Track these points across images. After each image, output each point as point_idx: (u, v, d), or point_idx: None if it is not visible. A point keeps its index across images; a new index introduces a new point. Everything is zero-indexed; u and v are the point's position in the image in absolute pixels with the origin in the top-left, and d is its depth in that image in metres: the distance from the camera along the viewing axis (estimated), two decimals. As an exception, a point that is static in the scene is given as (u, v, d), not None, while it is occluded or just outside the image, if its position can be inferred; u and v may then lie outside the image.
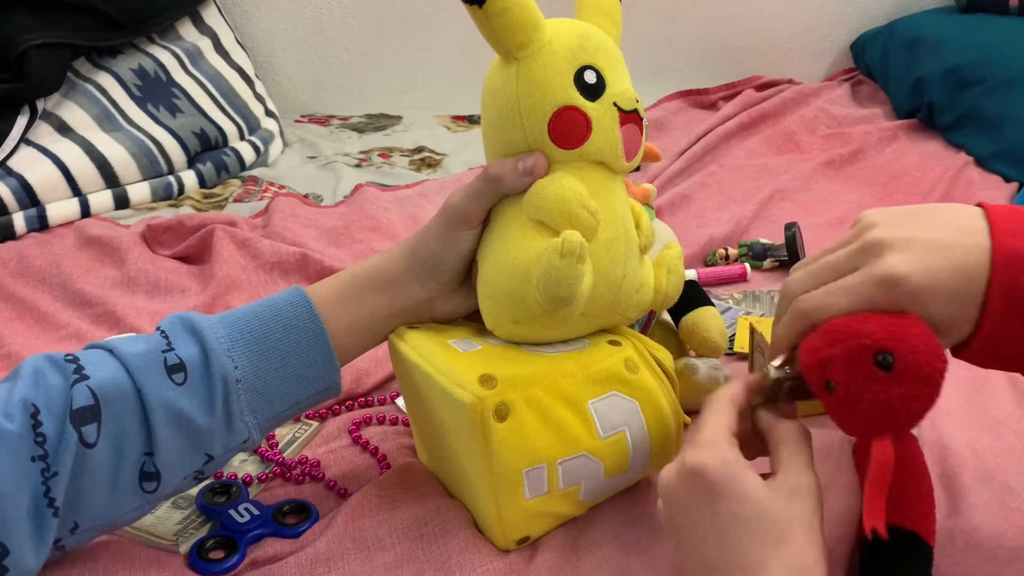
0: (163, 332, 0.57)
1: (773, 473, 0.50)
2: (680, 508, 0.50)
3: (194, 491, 0.66)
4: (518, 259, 0.58)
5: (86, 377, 0.52)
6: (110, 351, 0.55)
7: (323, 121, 1.62)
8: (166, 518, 0.64)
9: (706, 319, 0.75)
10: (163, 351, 0.55)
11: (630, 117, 0.59)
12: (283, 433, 0.74)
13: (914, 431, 0.64)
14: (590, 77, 0.58)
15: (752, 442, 0.53)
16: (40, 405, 0.50)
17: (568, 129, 0.58)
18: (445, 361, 0.58)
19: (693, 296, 0.77)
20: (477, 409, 0.54)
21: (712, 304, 0.76)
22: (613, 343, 0.62)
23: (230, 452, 0.58)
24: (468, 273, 0.64)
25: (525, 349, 0.61)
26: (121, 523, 0.56)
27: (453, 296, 0.64)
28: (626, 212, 0.61)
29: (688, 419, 0.68)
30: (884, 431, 0.48)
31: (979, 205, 0.51)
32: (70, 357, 0.54)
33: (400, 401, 0.79)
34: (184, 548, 0.61)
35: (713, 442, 0.50)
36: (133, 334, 0.64)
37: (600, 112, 0.58)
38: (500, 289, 0.59)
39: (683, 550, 0.51)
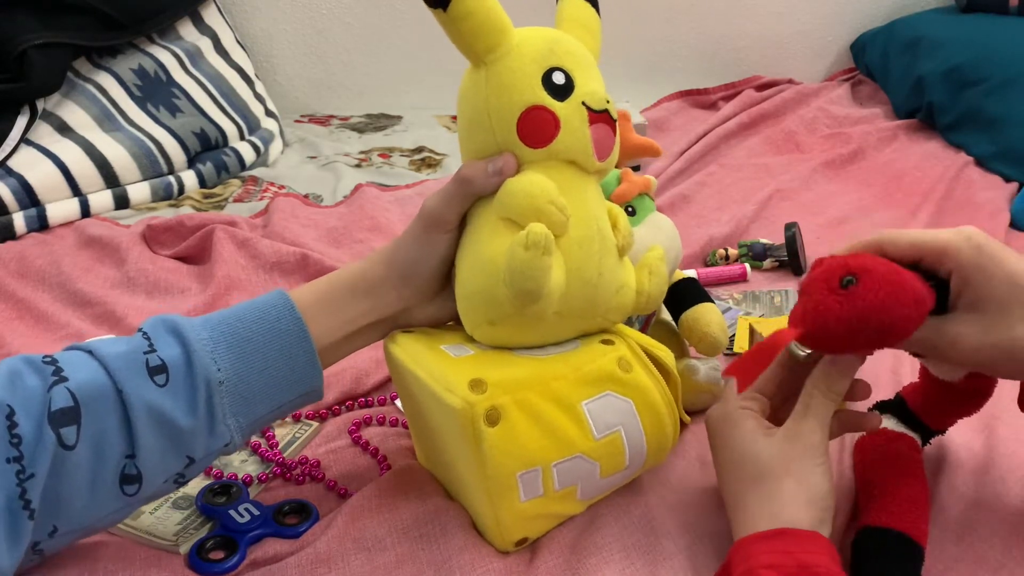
0: (144, 333, 0.56)
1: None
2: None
3: (195, 491, 0.66)
4: (487, 256, 0.58)
5: (65, 379, 0.52)
6: (89, 352, 0.54)
7: (323, 121, 1.62)
8: (166, 518, 0.64)
9: (706, 314, 0.75)
10: (144, 352, 0.55)
11: (600, 117, 0.59)
12: (283, 433, 0.74)
13: (916, 436, 0.64)
14: (558, 78, 0.58)
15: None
16: (16, 407, 0.49)
17: (536, 128, 0.58)
18: (437, 366, 0.58)
19: (692, 293, 0.77)
20: (467, 414, 0.54)
21: (712, 301, 0.76)
22: (606, 342, 0.62)
23: (211, 455, 0.57)
24: (445, 282, 0.63)
25: (517, 353, 0.60)
26: (100, 527, 0.55)
27: (429, 305, 0.64)
28: (601, 212, 0.61)
29: (689, 419, 0.68)
30: (801, 327, 0.54)
31: None
32: (48, 359, 0.53)
33: (400, 402, 0.79)
34: (184, 548, 0.61)
35: (725, 398, 0.61)
36: (113, 336, 0.63)
37: (568, 112, 0.58)
38: (473, 288, 0.59)
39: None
